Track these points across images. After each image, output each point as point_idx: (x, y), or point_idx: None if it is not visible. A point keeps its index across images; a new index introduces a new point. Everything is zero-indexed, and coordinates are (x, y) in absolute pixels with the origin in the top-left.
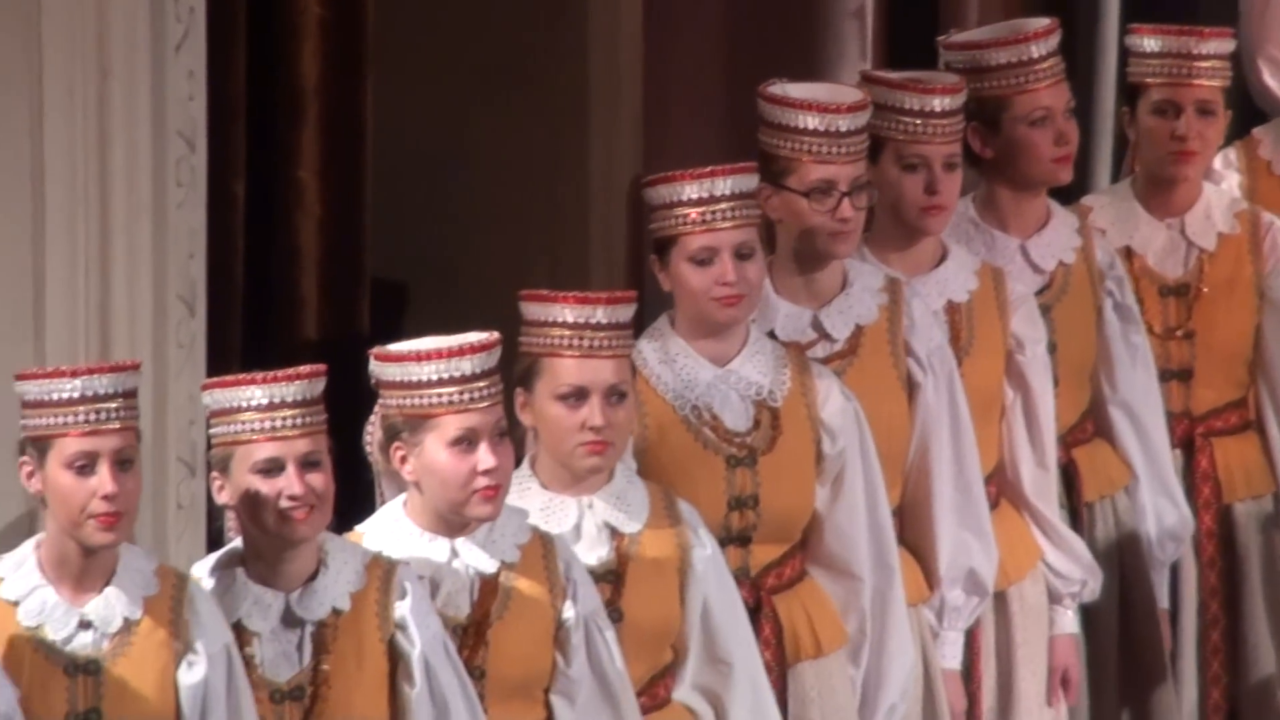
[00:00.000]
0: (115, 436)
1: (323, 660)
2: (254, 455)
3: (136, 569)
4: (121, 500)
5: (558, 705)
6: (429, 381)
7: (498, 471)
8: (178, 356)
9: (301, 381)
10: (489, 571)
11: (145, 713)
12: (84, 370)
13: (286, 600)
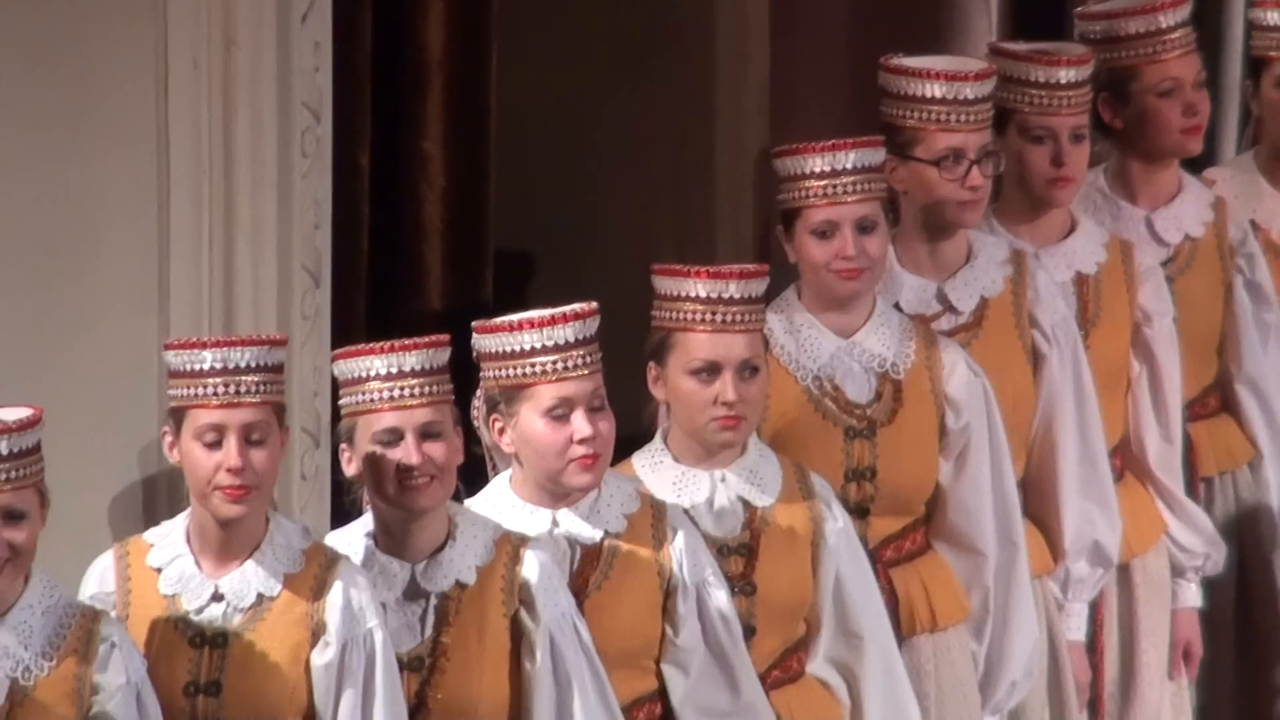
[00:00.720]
0: (248, 410)
1: (443, 633)
2: (375, 425)
3: (284, 545)
4: (249, 474)
5: (670, 676)
6: (524, 351)
7: (595, 440)
8: (302, 328)
9: (423, 351)
10: (591, 542)
11: (269, 690)
12: (219, 342)
13: (412, 571)
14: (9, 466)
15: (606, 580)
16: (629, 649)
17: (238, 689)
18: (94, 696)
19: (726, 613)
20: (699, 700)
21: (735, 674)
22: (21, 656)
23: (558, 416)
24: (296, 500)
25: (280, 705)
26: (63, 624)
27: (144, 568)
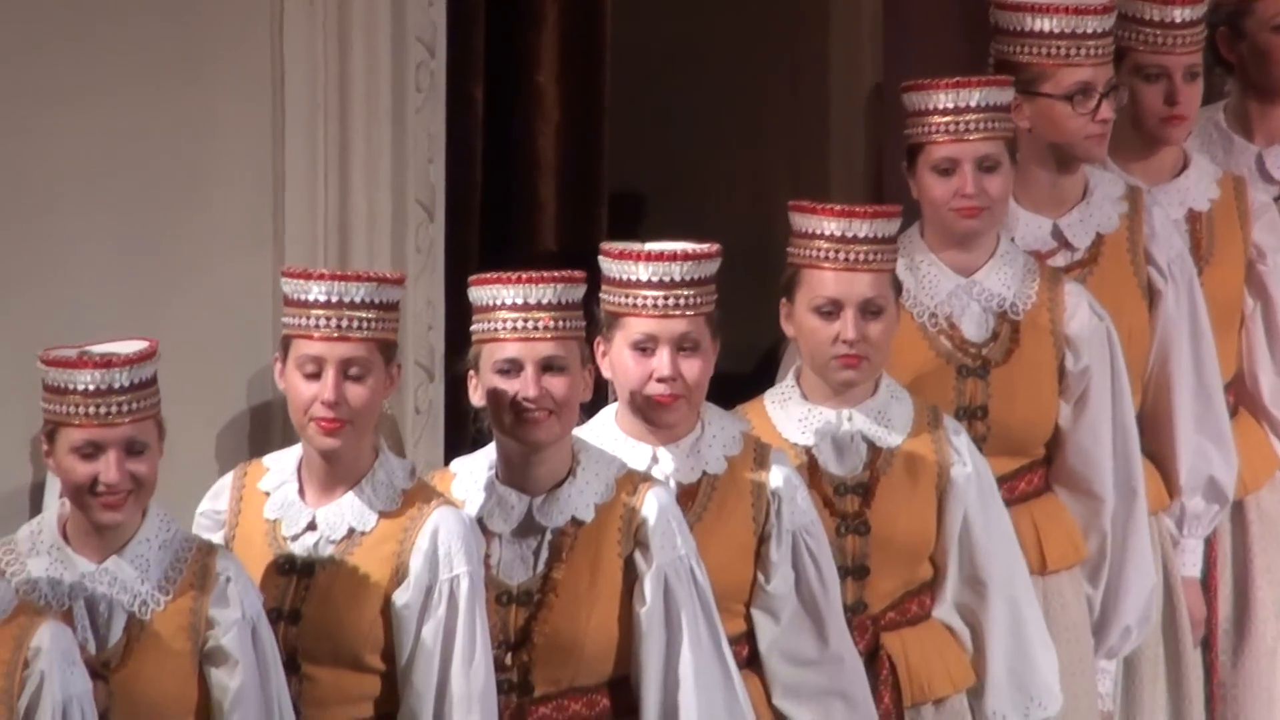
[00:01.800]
0: (350, 345)
1: (555, 569)
2: (497, 354)
3: (385, 483)
4: (343, 408)
5: (759, 621)
6: (628, 281)
7: (675, 382)
8: (416, 261)
9: (553, 285)
10: (686, 481)
11: (346, 622)
12: (331, 275)
13: (530, 504)
14: (129, 398)
15: (699, 521)
16: (720, 590)
17: (317, 619)
18: (209, 631)
19: (822, 562)
20: (786, 647)
21: (825, 625)
22: (139, 590)
23: (643, 350)
24: (410, 434)
25: (356, 640)
26: (179, 558)
27: (256, 490)
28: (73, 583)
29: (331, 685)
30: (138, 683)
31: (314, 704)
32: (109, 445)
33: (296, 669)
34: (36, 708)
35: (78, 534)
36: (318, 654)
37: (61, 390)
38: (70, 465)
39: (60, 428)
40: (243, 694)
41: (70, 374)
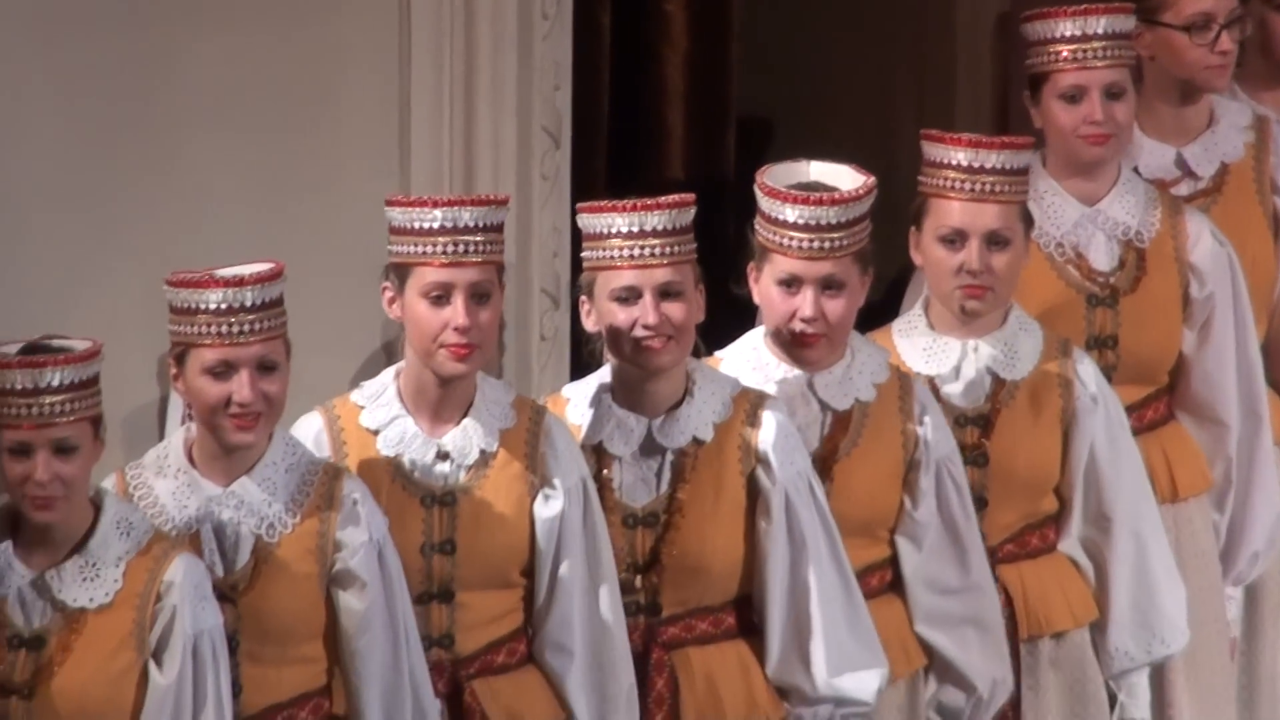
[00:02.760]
0: (474, 269)
1: (679, 489)
2: (614, 282)
3: (494, 401)
4: (475, 333)
5: (903, 547)
6: (776, 219)
7: (817, 322)
8: (542, 189)
9: (666, 211)
10: (841, 408)
11: (499, 544)
12: (447, 201)
13: (649, 426)
14: (258, 317)
15: (855, 447)
16: (869, 517)
17: (470, 545)
18: (337, 554)
19: (964, 491)
20: (929, 575)
21: (966, 553)
22: (266, 513)
23: (789, 287)
24: (536, 361)
25: (509, 559)
26: (306, 481)
27: (358, 429)
28: (199, 506)
29: (484, 608)
30: (265, 605)
31: (466, 629)
32: (241, 364)
33: (450, 598)
34: (167, 641)
35: (204, 457)
36: (471, 580)
37: (190, 311)
38: (202, 386)
39: (190, 349)
40: (370, 616)
41: (199, 294)
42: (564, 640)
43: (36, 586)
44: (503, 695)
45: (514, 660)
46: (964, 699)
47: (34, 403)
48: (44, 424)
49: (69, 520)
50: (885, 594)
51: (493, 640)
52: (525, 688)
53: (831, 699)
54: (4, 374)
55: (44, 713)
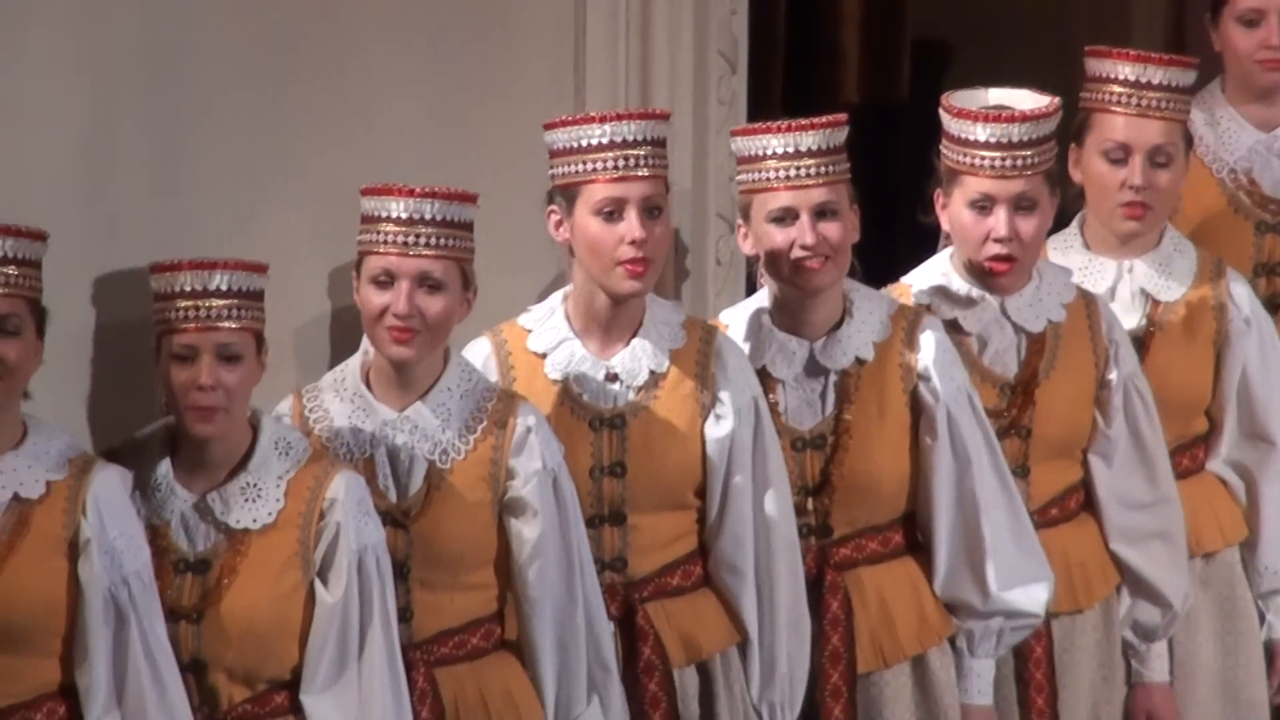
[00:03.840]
0: (643, 184)
1: (844, 410)
2: (769, 204)
3: (664, 321)
4: (649, 247)
5: (1095, 465)
6: (966, 139)
7: (1012, 243)
8: (718, 113)
9: (820, 130)
10: (1035, 330)
11: (670, 465)
12: (612, 116)
13: (811, 348)
14: (433, 232)
15: (1053, 369)
16: (1068, 437)
17: (640, 467)
18: (509, 481)
19: (1150, 407)
20: (1121, 491)
21: (1154, 467)
22: (440, 439)
23: (982, 209)
24: (711, 285)
25: (680, 480)
26: (480, 407)
27: (526, 353)
28: (374, 430)
29: (656, 530)
30: (437, 532)
31: (639, 552)
32: (402, 276)
33: (621, 520)
34: (332, 558)
35: (380, 381)
36: (642, 502)
37: (374, 218)
38: (367, 295)
39: (366, 257)
40: (542, 544)
41: (383, 201)
42: (736, 560)
43: (199, 509)
44: (677, 617)
45: (689, 583)
46: (1159, 615)
47: (201, 305)
48: (209, 326)
49: (228, 439)
50: (1080, 515)
51: (667, 563)
52: (700, 610)
53: (1001, 612)
54: (173, 276)
55: (213, 635)
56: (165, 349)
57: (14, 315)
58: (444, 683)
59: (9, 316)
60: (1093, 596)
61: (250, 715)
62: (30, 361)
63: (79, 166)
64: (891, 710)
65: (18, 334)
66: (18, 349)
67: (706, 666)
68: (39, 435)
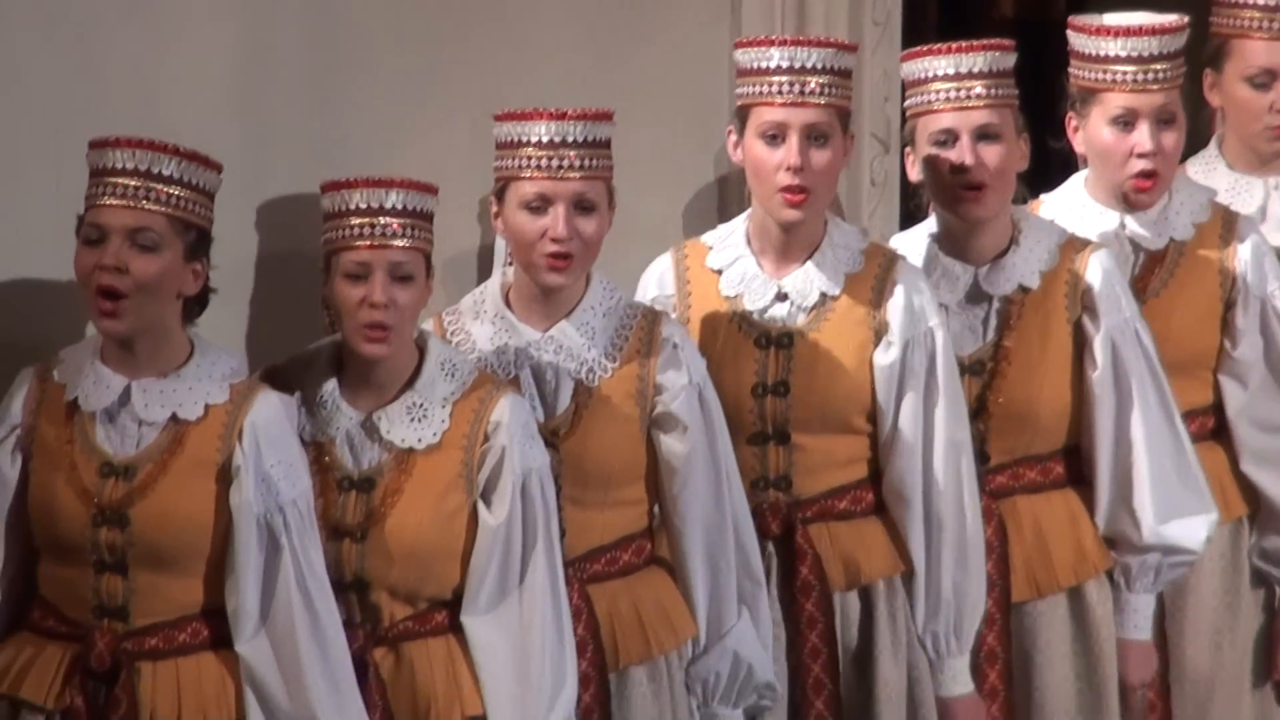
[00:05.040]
0: (812, 111)
1: (1005, 336)
2: (932, 126)
3: (843, 245)
4: (806, 175)
5: (1227, 386)
6: (1101, 56)
7: (1155, 157)
8: (873, 34)
9: (986, 53)
10: (1153, 248)
11: (835, 389)
12: (791, 40)
13: (975, 274)
14: (581, 154)
15: (1165, 288)
16: (1185, 356)
17: (805, 388)
18: (657, 397)
19: None
20: (1256, 413)
21: None
22: (586, 357)
23: (1122, 128)
24: (865, 206)
25: (846, 404)
26: (624, 325)
27: (703, 270)
28: (518, 350)
29: (822, 452)
30: (587, 449)
31: (805, 472)
32: (558, 199)
33: (786, 439)
34: (496, 481)
35: (522, 301)
36: (808, 423)
37: (515, 144)
38: (520, 221)
39: (510, 183)
40: (691, 459)
41: (524, 126)
42: (903, 489)
43: (364, 427)
44: (840, 541)
45: (858, 508)
46: None
47: (374, 222)
48: (382, 244)
49: (396, 359)
50: (1207, 440)
51: (835, 486)
52: (866, 536)
53: (1159, 547)
54: (346, 194)
55: (376, 554)
56: (335, 268)
57: (151, 230)
58: (597, 599)
59: (144, 230)
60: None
61: (411, 632)
62: (170, 282)
63: (235, 90)
64: (1046, 640)
65: (155, 250)
66: (152, 265)
67: (869, 592)
68: (205, 357)
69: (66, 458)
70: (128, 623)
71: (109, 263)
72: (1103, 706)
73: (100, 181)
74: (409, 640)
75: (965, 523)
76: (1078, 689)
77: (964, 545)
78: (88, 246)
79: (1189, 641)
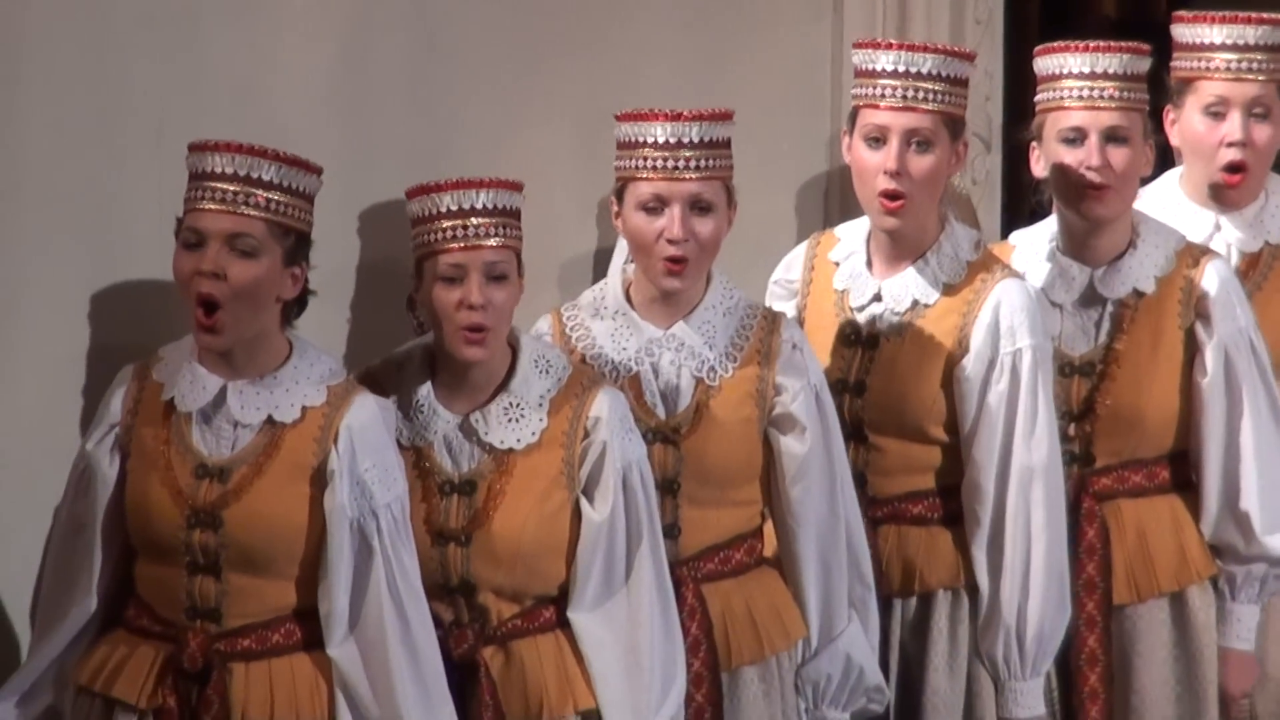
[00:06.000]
0: (915, 116)
1: (1117, 340)
2: (1062, 123)
3: (950, 255)
4: (903, 180)
5: None
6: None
7: (1246, 149)
8: (974, 33)
9: (1121, 54)
10: (1248, 250)
11: (911, 395)
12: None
13: (1091, 276)
14: (698, 155)
15: (1259, 290)
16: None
17: (880, 390)
18: (776, 397)
19: None
20: None
21: None
22: (707, 356)
23: (1216, 115)
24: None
25: (920, 411)
26: (744, 325)
27: (827, 260)
28: (639, 347)
29: (897, 455)
30: (707, 448)
31: (879, 472)
32: (674, 200)
33: (864, 439)
34: (598, 476)
35: (643, 300)
36: (882, 425)
37: (633, 144)
38: (637, 222)
39: (629, 183)
40: (810, 460)
41: (643, 126)
42: (975, 506)
43: (463, 430)
44: (906, 546)
45: (933, 516)
46: None
47: (464, 224)
48: (473, 245)
49: (491, 360)
50: None
51: (910, 490)
52: (934, 544)
53: (1265, 557)
54: (435, 198)
55: (482, 557)
56: (429, 272)
57: (249, 236)
58: (711, 598)
59: (243, 236)
60: None
61: (519, 630)
62: (268, 287)
63: (336, 95)
64: (1147, 644)
65: (253, 255)
66: (251, 270)
67: (929, 601)
68: (302, 359)
69: (162, 458)
70: (220, 624)
71: (207, 268)
72: (1201, 713)
73: (200, 185)
74: (518, 638)
75: (1031, 547)
76: (1177, 694)
77: (1029, 570)
78: (187, 250)
79: (1272, 642)
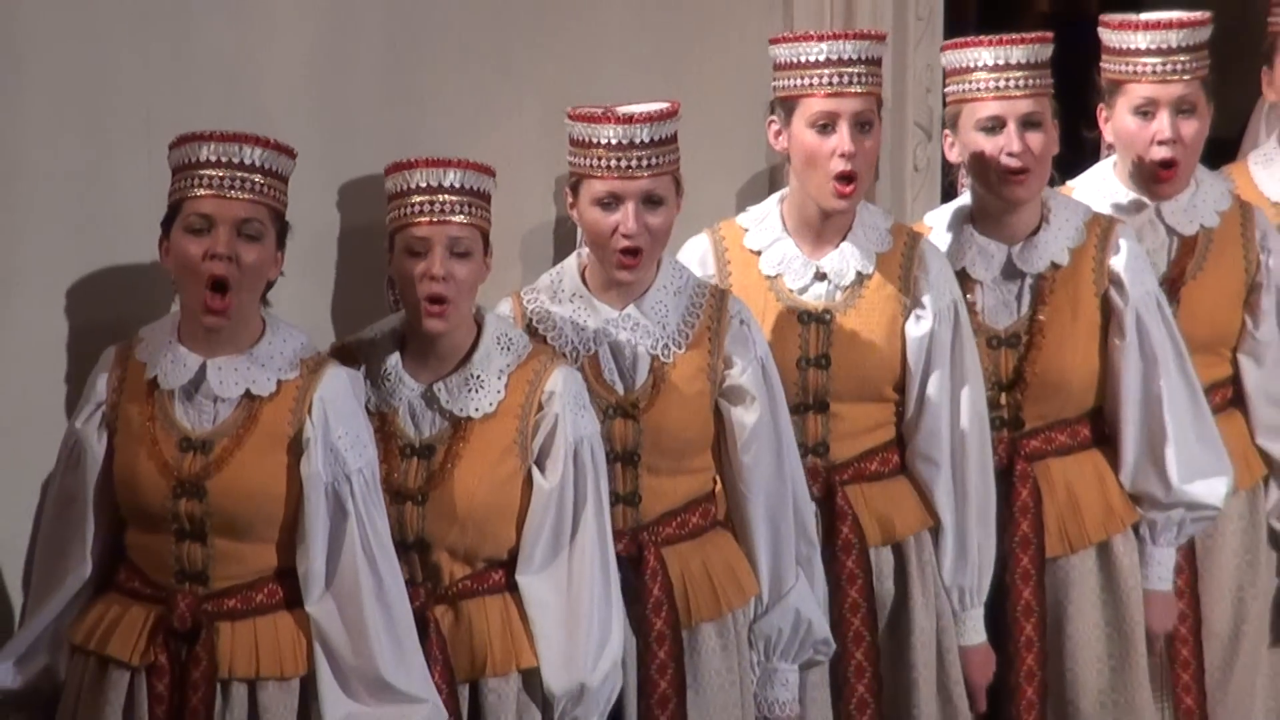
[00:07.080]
0: (856, 100)
1: (1039, 310)
2: (979, 112)
3: (872, 226)
4: (857, 160)
5: (1245, 364)
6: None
7: (1176, 145)
8: (916, 28)
9: (1029, 45)
10: (1187, 233)
11: (871, 360)
12: (831, 35)
13: (1009, 252)
14: (649, 153)
15: (1200, 271)
16: (1213, 336)
17: (844, 360)
18: (727, 370)
19: None
20: (1271, 390)
21: None
22: (660, 335)
23: (1145, 114)
24: (909, 190)
25: (880, 375)
26: (694, 303)
27: (742, 250)
28: (597, 328)
29: (857, 418)
30: (665, 421)
31: (840, 437)
32: (628, 197)
33: (825, 408)
34: (550, 447)
35: (598, 283)
36: (844, 392)
37: (586, 144)
38: (593, 217)
39: (584, 179)
40: (758, 428)
41: (595, 128)
42: (932, 452)
43: (426, 398)
44: (874, 500)
45: (887, 469)
46: None
47: (432, 200)
48: (440, 220)
49: (455, 333)
50: (1227, 409)
51: (866, 449)
52: (896, 495)
53: (1183, 503)
54: (408, 174)
55: (436, 516)
56: (399, 245)
57: (256, 220)
58: (670, 560)
59: (251, 220)
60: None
61: (469, 590)
62: (268, 269)
63: (315, 78)
64: (1078, 592)
65: (259, 239)
66: (258, 253)
67: (901, 548)
68: (276, 335)
69: (148, 433)
70: (207, 585)
71: (221, 251)
72: (1130, 650)
73: (196, 174)
74: (467, 598)
75: (988, 483)
76: (1107, 634)
77: (986, 506)
78: (193, 235)
79: (1214, 600)
